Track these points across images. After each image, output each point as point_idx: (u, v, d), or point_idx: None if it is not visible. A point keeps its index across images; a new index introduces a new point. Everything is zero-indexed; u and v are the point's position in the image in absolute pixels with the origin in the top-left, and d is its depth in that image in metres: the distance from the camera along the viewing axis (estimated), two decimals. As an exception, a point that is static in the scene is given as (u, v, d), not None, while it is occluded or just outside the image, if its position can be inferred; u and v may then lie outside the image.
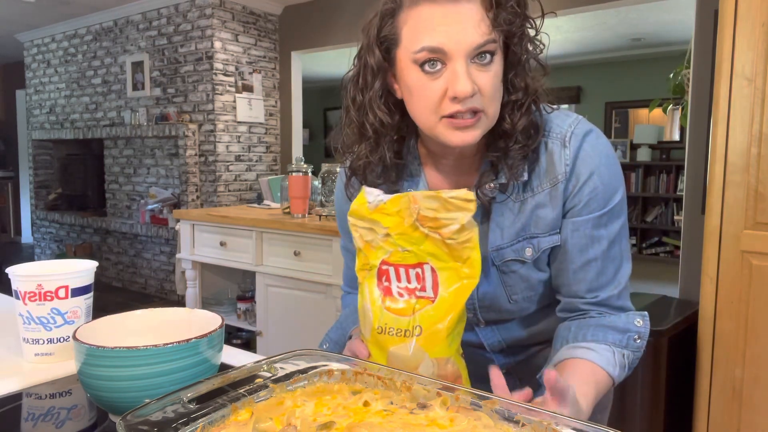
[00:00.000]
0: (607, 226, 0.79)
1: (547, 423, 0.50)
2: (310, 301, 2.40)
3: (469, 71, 0.70)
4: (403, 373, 0.59)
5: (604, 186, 0.78)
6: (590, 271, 0.80)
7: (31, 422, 0.65)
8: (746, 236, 1.76)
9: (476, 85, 0.70)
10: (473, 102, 0.71)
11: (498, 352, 0.95)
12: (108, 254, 5.09)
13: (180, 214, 3.00)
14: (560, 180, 0.78)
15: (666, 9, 4.43)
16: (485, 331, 0.92)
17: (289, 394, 0.59)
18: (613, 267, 0.81)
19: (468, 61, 0.70)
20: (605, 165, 0.78)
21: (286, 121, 4.57)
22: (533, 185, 0.80)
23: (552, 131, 0.79)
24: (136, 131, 4.55)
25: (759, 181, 1.72)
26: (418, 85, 0.73)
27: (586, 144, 0.78)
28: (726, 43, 1.74)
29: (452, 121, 0.72)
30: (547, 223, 0.80)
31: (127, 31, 4.69)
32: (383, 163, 0.82)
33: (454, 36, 0.69)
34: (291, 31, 4.47)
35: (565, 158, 0.78)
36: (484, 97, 0.72)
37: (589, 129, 0.80)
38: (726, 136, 1.76)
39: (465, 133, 0.73)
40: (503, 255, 0.83)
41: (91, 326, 0.68)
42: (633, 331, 0.79)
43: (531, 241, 0.81)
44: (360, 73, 0.80)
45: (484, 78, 0.71)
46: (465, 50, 0.69)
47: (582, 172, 0.78)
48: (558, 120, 0.80)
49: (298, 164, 2.58)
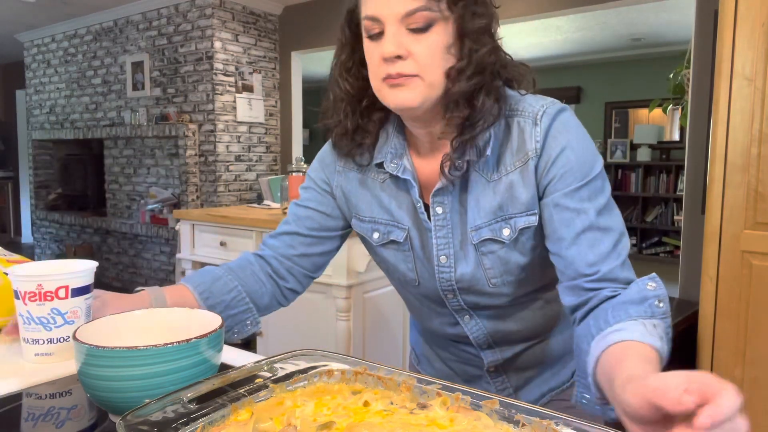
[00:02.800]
0: (591, 200, 0.78)
1: (547, 423, 0.50)
2: (310, 301, 2.40)
3: (400, 35, 0.74)
4: (404, 373, 0.59)
5: (578, 159, 0.78)
6: (582, 243, 0.77)
7: (31, 422, 0.65)
8: (746, 236, 1.76)
9: (407, 50, 0.74)
10: (402, 66, 0.74)
11: (486, 348, 0.95)
12: (108, 254, 5.09)
13: (180, 214, 3.00)
14: (531, 157, 0.79)
15: (666, 9, 4.43)
16: (470, 324, 0.92)
17: (289, 394, 0.59)
18: (609, 238, 0.77)
19: (401, 26, 0.74)
20: (576, 139, 0.79)
21: (286, 121, 4.57)
22: (506, 163, 0.81)
23: (525, 110, 0.80)
24: (136, 131, 4.55)
25: (759, 181, 1.72)
26: (367, 52, 0.79)
27: (557, 121, 0.79)
28: (726, 43, 1.74)
29: (388, 81, 0.76)
30: (522, 202, 0.81)
31: (127, 31, 4.69)
32: (345, 127, 0.86)
33: (385, 4, 0.74)
34: (291, 31, 4.47)
35: (535, 135, 0.79)
36: (417, 63, 0.74)
37: (562, 108, 0.81)
38: (726, 136, 1.76)
39: (399, 93, 0.76)
40: (481, 234, 0.83)
41: (91, 326, 0.68)
42: (651, 297, 0.72)
43: (508, 222, 0.82)
44: (336, 53, 0.86)
45: (417, 44, 0.74)
46: (395, 16, 0.74)
47: (553, 147, 0.78)
48: (531, 100, 0.81)
49: (298, 164, 2.58)
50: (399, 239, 0.89)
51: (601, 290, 0.76)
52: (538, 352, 0.96)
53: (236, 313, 0.93)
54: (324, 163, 0.95)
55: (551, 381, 0.99)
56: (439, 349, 1.03)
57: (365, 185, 0.90)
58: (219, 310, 0.91)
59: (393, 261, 0.92)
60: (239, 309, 0.93)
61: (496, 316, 0.92)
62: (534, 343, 0.95)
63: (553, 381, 0.99)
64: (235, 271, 0.94)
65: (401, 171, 0.85)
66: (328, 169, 0.95)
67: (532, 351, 0.96)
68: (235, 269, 0.95)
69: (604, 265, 0.76)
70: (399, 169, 0.85)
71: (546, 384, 0.99)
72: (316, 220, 0.95)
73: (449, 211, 0.84)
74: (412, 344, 1.16)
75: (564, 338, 0.98)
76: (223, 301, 0.91)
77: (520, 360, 0.96)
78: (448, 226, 0.85)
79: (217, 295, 0.91)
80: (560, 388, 0.99)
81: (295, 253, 0.96)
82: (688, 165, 2.95)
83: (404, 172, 0.85)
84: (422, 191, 0.87)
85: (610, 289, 0.76)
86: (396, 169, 0.85)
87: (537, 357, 0.97)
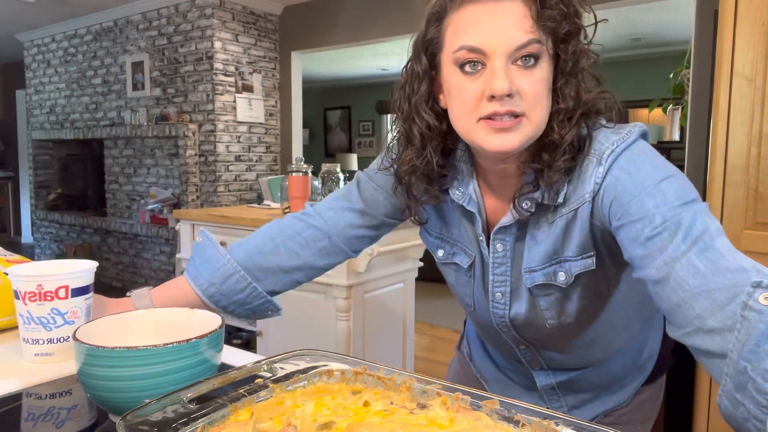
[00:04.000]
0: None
1: (547, 423, 0.50)
2: (310, 301, 2.40)
3: (509, 71, 0.67)
4: (404, 373, 0.59)
5: (630, 189, 0.68)
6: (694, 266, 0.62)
7: (31, 422, 0.65)
8: (746, 236, 1.76)
9: (517, 87, 0.67)
10: (512, 104, 0.67)
11: (539, 370, 0.93)
12: (108, 254, 5.09)
13: (180, 214, 3.00)
14: (587, 200, 0.72)
15: (666, 9, 4.42)
16: (524, 350, 0.91)
17: (289, 394, 0.59)
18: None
19: (508, 61, 0.67)
20: (630, 172, 0.69)
21: (286, 121, 4.57)
22: (565, 204, 0.75)
23: (595, 148, 0.72)
24: (136, 131, 4.55)
25: (759, 181, 1.72)
26: (456, 86, 0.70)
27: (622, 158, 0.70)
28: (726, 43, 1.74)
29: (490, 123, 0.68)
30: (577, 245, 0.75)
31: (127, 31, 4.69)
32: (429, 168, 0.79)
33: (493, 35, 0.66)
34: (291, 31, 4.47)
35: (596, 176, 0.71)
36: (526, 101, 0.68)
37: (632, 141, 0.71)
38: (726, 136, 1.76)
39: (503, 137, 0.68)
40: (534, 278, 0.79)
41: (91, 326, 0.68)
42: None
43: (563, 265, 0.77)
44: (407, 82, 0.78)
45: (526, 80, 0.67)
46: (505, 50, 0.66)
47: (609, 187, 0.70)
48: (603, 136, 0.73)
49: (298, 164, 2.58)
50: (463, 264, 0.86)
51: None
52: (595, 377, 0.93)
53: (255, 305, 0.92)
54: (369, 182, 0.92)
55: (609, 402, 0.95)
56: (495, 357, 1.03)
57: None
58: (233, 309, 0.91)
59: (452, 281, 0.91)
60: (257, 303, 0.92)
61: (551, 348, 0.89)
62: (591, 370, 0.92)
63: (611, 402, 0.95)
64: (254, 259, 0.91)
65: (467, 201, 0.81)
66: (375, 182, 0.91)
67: (588, 376, 0.93)
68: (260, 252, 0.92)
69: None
70: (465, 198, 0.81)
71: (603, 405, 0.95)
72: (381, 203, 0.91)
73: (510, 249, 0.80)
74: (467, 336, 1.12)
75: (624, 363, 0.93)
76: (236, 302, 0.90)
77: (576, 383, 0.93)
78: (507, 264, 0.81)
79: (229, 295, 0.90)
80: (618, 408, 0.96)
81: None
82: (688, 165, 2.95)
83: (470, 203, 0.81)
84: (488, 222, 0.83)
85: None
86: (461, 197, 0.81)
87: (594, 382, 0.93)
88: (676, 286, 0.62)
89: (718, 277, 0.60)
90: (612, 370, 0.93)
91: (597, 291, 0.80)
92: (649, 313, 0.92)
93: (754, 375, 0.54)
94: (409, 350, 2.64)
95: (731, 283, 0.59)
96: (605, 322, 0.85)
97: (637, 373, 0.96)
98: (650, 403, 0.99)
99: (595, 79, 0.73)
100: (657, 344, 0.98)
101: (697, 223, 0.64)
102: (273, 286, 0.92)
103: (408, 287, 2.60)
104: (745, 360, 0.55)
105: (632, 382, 0.96)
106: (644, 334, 0.94)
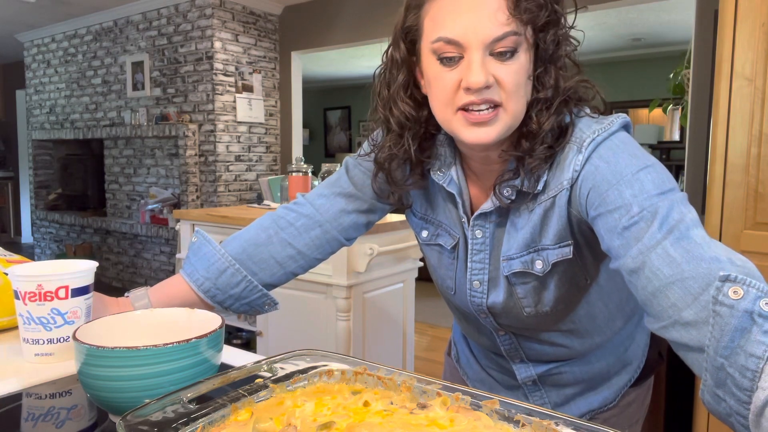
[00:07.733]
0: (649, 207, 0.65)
1: (547, 423, 0.50)
2: (310, 301, 2.40)
3: (486, 62, 0.67)
4: (404, 373, 0.59)
5: (608, 178, 0.68)
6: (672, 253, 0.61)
7: (31, 422, 0.65)
8: (746, 236, 1.76)
9: (494, 77, 0.67)
10: (490, 93, 0.68)
11: (518, 362, 0.93)
12: (108, 254, 5.09)
13: (180, 214, 3.00)
14: (565, 186, 0.72)
15: (666, 9, 4.43)
16: (503, 338, 0.90)
17: (289, 394, 0.59)
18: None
19: (485, 52, 0.67)
20: (609, 162, 0.70)
21: (286, 121, 4.57)
22: (544, 191, 0.75)
23: (575, 136, 0.72)
24: (136, 131, 4.55)
25: (759, 181, 1.72)
26: (435, 76, 0.71)
27: (602, 147, 0.70)
28: (726, 43, 1.74)
29: (467, 115, 0.69)
30: (554, 233, 0.75)
31: (127, 31, 4.69)
32: (407, 156, 0.79)
33: (470, 27, 0.66)
34: (291, 31, 4.47)
35: (575, 164, 0.71)
36: (504, 91, 0.68)
37: (614, 131, 0.72)
38: (726, 136, 1.76)
39: (479, 130, 0.69)
40: (512, 266, 0.79)
41: (91, 326, 0.68)
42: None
43: (540, 254, 0.77)
44: (387, 68, 0.79)
45: (503, 70, 0.68)
46: (481, 42, 0.67)
47: (587, 176, 0.71)
48: (584, 124, 0.73)
49: (298, 164, 2.58)
50: (447, 246, 0.86)
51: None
52: (577, 372, 0.92)
53: (251, 299, 0.92)
54: (349, 173, 0.92)
55: (594, 402, 0.95)
56: (479, 355, 1.03)
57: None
58: (230, 303, 0.90)
59: (435, 263, 0.90)
60: (253, 297, 0.91)
61: (531, 337, 0.89)
62: (571, 363, 0.92)
63: (596, 401, 0.95)
64: (249, 252, 0.91)
65: (447, 182, 0.81)
66: (355, 171, 0.92)
67: (570, 370, 0.92)
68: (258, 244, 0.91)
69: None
70: (445, 179, 0.81)
71: (588, 404, 0.95)
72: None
73: (489, 236, 0.80)
74: (453, 340, 1.13)
75: (607, 360, 0.93)
76: (232, 296, 0.90)
77: (557, 377, 0.93)
78: (486, 251, 0.81)
79: (225, 290, 0.89)
80: (604, 408, 0.96)
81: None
82: (688, 165, 2.95)
83: (450, 184, 0.81)
84: (472, 209, 0.83)
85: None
86: (442, 179, 0.81)
87: (576, 376, 0.93)
88: (651, 275, 0.62)
89: (692, 266, 0.60)
90: (594, 365, 0.93)
91: (574, 281, 0.80)
92: (633, 310, 0.92)
93: (732, 371, 0.54)
94: (409, 350, 2.64)
95: (704, 272, 0.59)
96: (585, 315, 0.85)
97: (623, 371, 0.95)
98: (636, 405, 0.98)
99: (575, 65, 0.74)
100: (644, 344, 0.98)
101: (673, 213, 0.64)
102: (268, 278, 0.92)
103: (408, 287, 2.60)
104: (722, 357, 0.55)
105: (618, 382, 0.95)
106: (629, 331, 0.94)
